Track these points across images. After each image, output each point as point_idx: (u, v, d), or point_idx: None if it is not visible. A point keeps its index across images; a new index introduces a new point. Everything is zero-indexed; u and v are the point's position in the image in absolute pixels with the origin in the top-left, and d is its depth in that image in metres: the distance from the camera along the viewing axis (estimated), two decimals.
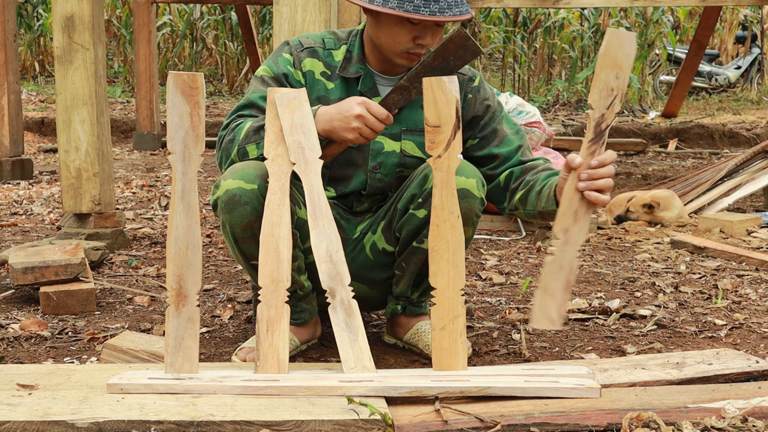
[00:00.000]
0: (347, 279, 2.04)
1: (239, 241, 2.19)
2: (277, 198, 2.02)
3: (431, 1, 2.14)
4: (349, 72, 2.33)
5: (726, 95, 12.91)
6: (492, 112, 2.39)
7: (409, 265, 2.31)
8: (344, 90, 2.33)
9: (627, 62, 1.95)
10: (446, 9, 2.15)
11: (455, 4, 2.16)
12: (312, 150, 2.04)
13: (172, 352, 1.99)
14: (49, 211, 4.90)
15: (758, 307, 2.93)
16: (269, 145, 2.04)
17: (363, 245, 2.38)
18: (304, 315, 2.39)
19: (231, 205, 2.13)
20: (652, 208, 4.53)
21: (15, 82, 6.03)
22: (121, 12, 13.24)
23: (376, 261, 2.37)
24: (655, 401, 1.89)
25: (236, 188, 2.13)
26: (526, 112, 4.47)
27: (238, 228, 2.15)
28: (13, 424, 1.72)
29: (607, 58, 1.95)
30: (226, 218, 2.16)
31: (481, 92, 2.39)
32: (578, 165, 1.98)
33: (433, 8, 2.14)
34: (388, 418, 1.76)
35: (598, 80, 1.96)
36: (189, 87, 1.95)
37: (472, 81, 2.39)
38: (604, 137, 1.98)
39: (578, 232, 2.00)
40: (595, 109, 1.97)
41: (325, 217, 2.05)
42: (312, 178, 2.04)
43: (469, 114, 2.37)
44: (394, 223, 2.31)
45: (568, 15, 12.54)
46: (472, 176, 2.20)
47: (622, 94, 1.97)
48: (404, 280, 2.36)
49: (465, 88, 2.37)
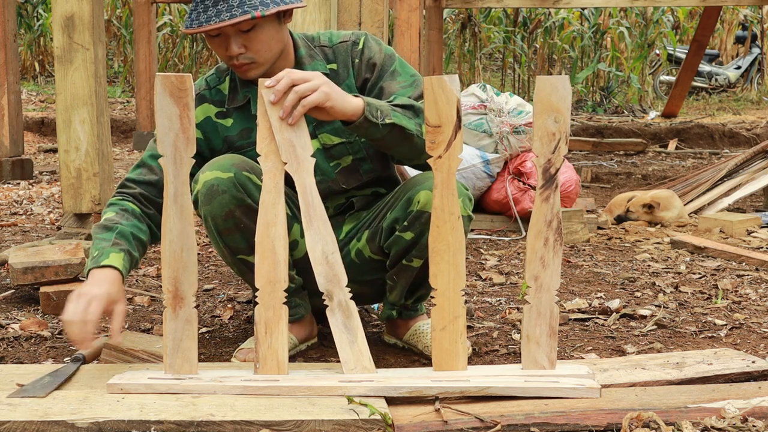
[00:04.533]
0: (344, 280, 2.02)
1: (222, 234, 2.17)
2: (272, 197, 1.98)
3: (203, 11, 2.09)
4: (239, 100, 2.29)
5: (726, 95, 12.91)
6: (378, 70, 2.27)
7: (400, 280, 2.30)
8: (242, 120, 2.29)
9: (564, 104, 1.95)
10: (218, 15, 2.08)
11: (237, 5, 2.07)
12: (303, 148, 1.98)
13: (170, 353, 1.99)
14: (49, 211, 4.90)
15: (758, 307, 2.93)
16: (261, 141, 1.98)
17: (348, 250, 2.35)
18: (299, 310, 2.38)
19: (210, 195, 2.12)
20: (652, 208, 4.53)
21: (15, 82, 6.03)
22: (121, 12, 13.24)
23: (363, 265, 2.35)
24: (655, 401, 1.89)
25: (213, 178, 2.12)
26: (526, 112, 4.47)
27: (220, 219, 2.14)
28: (13, 424, 1.72)
29: (541, 105, 1.95)
30: (207, 210, 2.14)
31: (365, 53, 2.28)
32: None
33: (201, 18, 2.10)
34: (388, 418, 1.76)
35: (537, 127, 1.96)
36: (177, 89, 1.92)
37: (356, 45, 2.29)
38: (555, 181, 1.98)
39: (550, 277, 2.01)
40: (540, 156, 1.97)
41: (319, 218, 2.01)
42: (305, 177, 2.00)
43: (360, 80, 2.29)
44: (381, 239, 2.28)
45: (568, 15, 12.54)
46: (459, 195, 2.15)
47: (566, 136, 1.97)
48: (397, 291, 2.35)
49: (351, 54, 2.29)
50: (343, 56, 2.30)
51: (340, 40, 2.32)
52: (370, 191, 2.41)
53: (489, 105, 4.51)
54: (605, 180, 6.47)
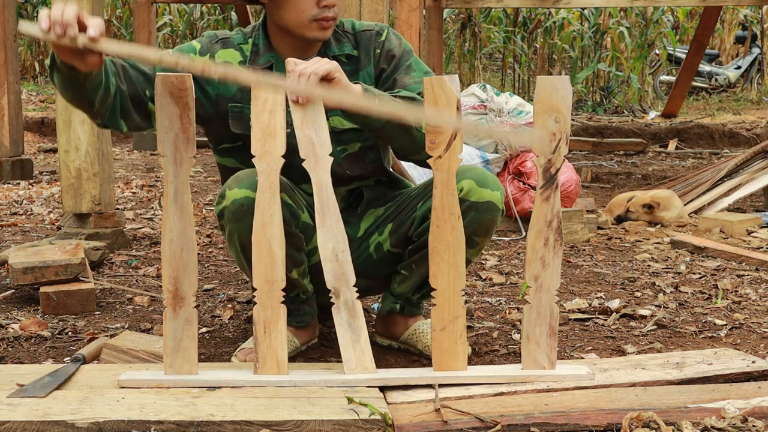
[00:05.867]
0: (352, 279, 2.02)
1: (247, 250, 2.15)
2: (267, 197, 1.98)
3: None
4: (259, 63, 2.29)
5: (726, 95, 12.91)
6: (396, 62, 2.32)
7: (420, 268, 2.30)
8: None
9: (564, 104, 1.96)
10: None
11: None
12: (323, 146, 2.00)
13: (170, 353, 1.99)
14: (49, 211, 4.90)
15: (758, 307, 2.93)
16: (256, 142, 1.98)
17: (368, 245, 2.37)
18: (306, 318, 2.39)
19: (239, 215, 2.10)
20: (652, 208, 4.53)
21: (15, 82, 6.03)
22: (121, 12, 13.23)
23: (380, 261, 2.37)
24: (655, 401, 1.89)
25: (243, 197, 2.10)
26: (526, 112, 4.47)
27: (246, 236, 2.10)
28: (13, 424, 1.72)
29: (542, 105, 1.96)
30: (234, 228, 2.13)
31: (386, 44, 2.33)
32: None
33: None
34: (388, 418, 1.76)
35: (537, 127, 1.96)
36: (178, 89, 1.92)
37: (379, 35, 2.34)
38: (556, 181, 1.98)
39: (550, 277, 2.01)
40: (540, 156, 1.98)
41: (333, 216, 2.01)
42: (321, 175, 2.00)
43: (377, 70, 2.33)
44: (410, 228, 2.30)
45: (568, 15, 12.54)
46: (496, 189, 2.20)
47: (566, 136, 1.97)
48: (409, 281, 2.36)
49: (373, 43, 2.34)
50: (366, 44, 2.34)
51: (363, 29, 2.36)
52: (373, 180, 2.42)
53: (489, 105, 4.51)
54: (605, 180, 6.47)
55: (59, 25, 1.76)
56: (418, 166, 4.38)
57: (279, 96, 1.98)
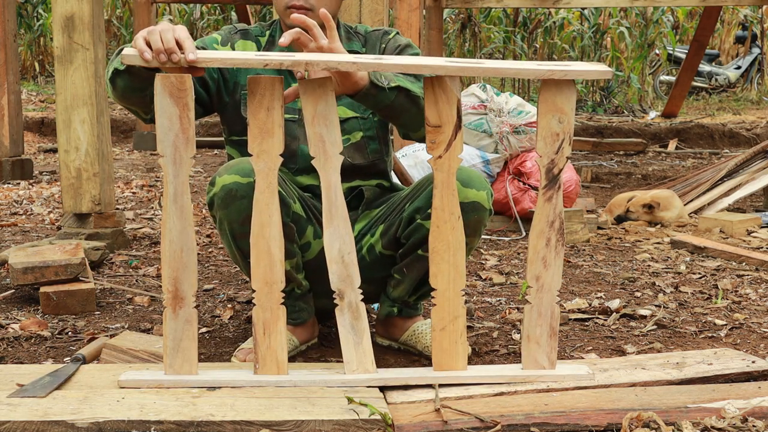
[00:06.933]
0: (357, 281, 2.01)
1: (237, 237, 2.17)
2: (266, 197, 1.97)
3: None
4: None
5: (726, 95, 12.91)
6: (398, 51, 2.40)
7: (411, 272, 2.31)
8: (273, 71, 2.33)
9: (568, 105, 1.95)
10: None
11: None
12: (333, 144, 1.97)
13: (170, 353, 1.99)
14: (49, 211, 4.90)
15: (758, 307, 2.93)
16: (253, 141, 1.96)
17: (361, 246, 2.37)
18: (302, 314, 2.39)
19: (228, 200, 2.12)
20: (652, 208, 4.53)
21: (15, 82, 6.03)
22: (121, 12, 13.24)
23: (373, 263, 2.37)
24: (655, 401, 1.89)
25: (232, 182, 2.11)
26: (526, 112, 4.47)
27: (236, 223, 2.13)
28: (13, 424, 1.72)
29: (546, 105, 1.96)
30: (223, 214, 2.14)
31: (391, 41, 2.43)
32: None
33: None
34: (388, 418, 1.76)
35: (541, 127, 1.96)
36: (177, 89, 1.91)
37: (387, 34, 2.45)
38: (558, 182, 1.98)
39: (551, 277, 2.01)
40: (543, 156, 1.98)
41: (340, 217, 2.00)
42: (331, 174, 1.98)
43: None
44: (398, 230, 2.30)
45: (568, 15, 12.54)
46: (482, 188, 2.21)
47: (569, 137, 1.97)
48: (403, 285, 2.36)
49: (381, 40, 2.42)
50: (373, 41, 2.44)
51: (373, 30, 2.48)
52: (375, 182, 2.43)
53: (489, 105, 4.51)
54: (605, 180, 6.47)
55: (163, 53, 1.88)
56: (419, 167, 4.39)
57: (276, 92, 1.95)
